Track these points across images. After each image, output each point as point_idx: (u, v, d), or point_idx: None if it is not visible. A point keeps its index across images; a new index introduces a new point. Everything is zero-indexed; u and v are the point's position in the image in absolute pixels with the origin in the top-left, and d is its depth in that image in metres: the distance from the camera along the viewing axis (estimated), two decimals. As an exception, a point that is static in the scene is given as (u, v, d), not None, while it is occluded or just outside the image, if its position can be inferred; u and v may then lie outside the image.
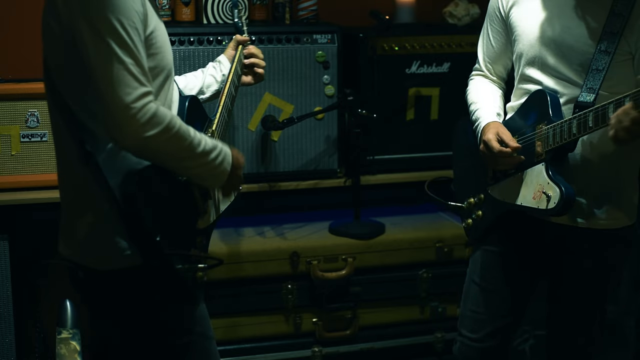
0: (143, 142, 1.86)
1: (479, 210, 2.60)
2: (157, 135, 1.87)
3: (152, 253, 1.95)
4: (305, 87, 3.36)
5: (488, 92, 2.59)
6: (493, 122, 2.47)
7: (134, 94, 1.84)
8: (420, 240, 3.38)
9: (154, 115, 1.86)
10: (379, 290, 3.35)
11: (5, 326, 3.12)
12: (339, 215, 3.45)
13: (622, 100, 2.06)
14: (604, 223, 2.36)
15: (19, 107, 3.10)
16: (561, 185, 2.27)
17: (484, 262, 2.59)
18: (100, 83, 1.85)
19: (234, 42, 2.60)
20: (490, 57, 2.60)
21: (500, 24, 2.51)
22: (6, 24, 3.39)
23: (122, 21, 1.85)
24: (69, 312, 3.08)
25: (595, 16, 2.27)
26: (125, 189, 1.92)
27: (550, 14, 2.35)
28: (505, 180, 2.48)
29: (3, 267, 3.10)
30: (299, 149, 3.39)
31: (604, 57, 2.23)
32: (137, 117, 1.84)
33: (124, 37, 1.85)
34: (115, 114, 1.84)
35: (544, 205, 2.31)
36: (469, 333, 2.62)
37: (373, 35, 3.40)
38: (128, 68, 1.84)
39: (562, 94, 2.33)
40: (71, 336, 3.07)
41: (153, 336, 2.08)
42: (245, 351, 3.23)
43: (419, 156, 3.55)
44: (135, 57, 1.86)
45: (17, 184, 3.12)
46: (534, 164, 2.36)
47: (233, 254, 3.18)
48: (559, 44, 2.32)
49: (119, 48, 1.84)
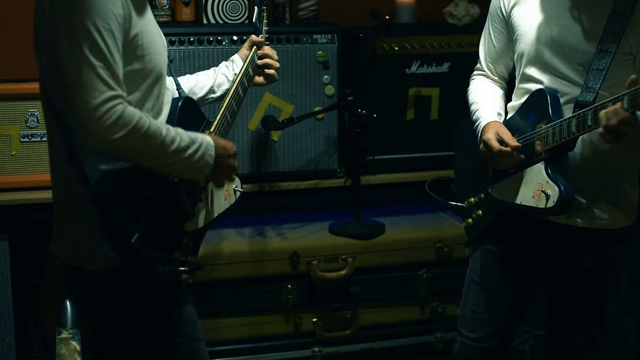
0: (111, 144, 1.87)
1: (479, 209, 2.60)
2: (124, 137, 1.86)
3: (129, 254, 1.96)
4: (305, 87, 3.36)
5: (489, 92, 2.59)
6: (493, 121, 2.47)
7: (100, 97, 1.84)
8: (420, 240, 3.38)
9: (119, 117, 1.85)
10: (379, 290, 3.34)
11: (5, 326, 3.12)
12: (339, 215, 3.44)
13: (621, 99, 2.06)
14: (604, 223, 2.36)
15: (19, 107, 3.10)
16: (560, 184, 2.27)
17: (484, 261, 2.59)
18: (70, 85, 1.86)
19: (249, 42, 2.57)
20: (492, 57, 2.60)
21: (501, 23, 2.51)
22: (6, 24, 3.39)
23: (96, 24, 1.86)
24: (69, 312, 3.08)
25: (596, 16, 2.27)
26: (99, 189, 1.93)
27: (551, 13, 2.35)
28: (505, 179, 2.48)
29: (3, 267, 3.10)
30: (299, 149, 3.39)
31: (604, 56, 2.24)
32: (103, 119, 1.84)
33: (97, 40, 1.86)
34: (81, 117, 1.85)
35: (543, 204, 2.31)
36: (469, 333, 2.62)
37: (373, 35, 3.40)
38: (97, 71, 1.85)
39: (562, 93, 2.33)
40: (71, 336, 3.07)
41: (140, 337, 2.09)
42: (245, 351, 3.23)
43: (419, 156, 3.55)
44: (107, 60, 1.86)
45: (17, 184, 3.12)
46: (534, 163, 2.36)
47: (233, 254, 3.18)
48: (559, 44, 2.32)
49: (90, 51, 1.85)
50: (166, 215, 2.08)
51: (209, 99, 2.47)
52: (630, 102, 2.05)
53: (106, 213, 1.94)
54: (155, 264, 2.01)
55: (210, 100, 2.47)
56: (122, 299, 2.04)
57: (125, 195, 1.97)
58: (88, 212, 1.97)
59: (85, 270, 2.03)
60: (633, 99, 2.04)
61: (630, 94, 2.04)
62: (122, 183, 1.96)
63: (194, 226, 2.17)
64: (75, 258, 2.04)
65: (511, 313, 2.58)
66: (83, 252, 2.02)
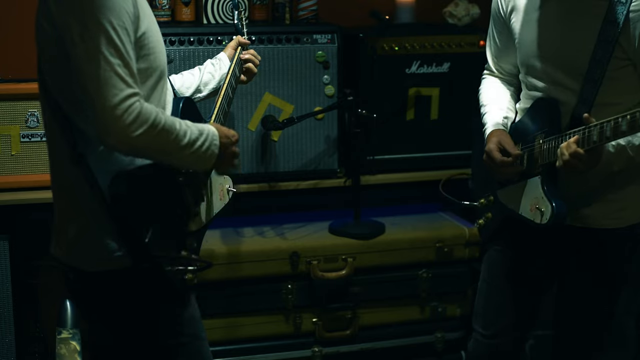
0: (130, 142, 1.87)
1: (489, 211, 2.61)
2: (143, 134, 1.87)
3: (141, 255, 1.95)
4: (305, 87, 3.36)
5: (496, 93, 2.58)
6: (496, 129, 2.46)
7: (119, 95, 1.84)
8: (420, 240, 3.38)
9: (138, 114, 1.85)
10: (379, 290, 3.34)
11: (5, 326, 3.12)
12: (339, 215, 3.44)
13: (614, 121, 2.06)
14: (611, 222, 2.36)
15: (19, 107, 3.10)
16: (553, 202, 2.27)
17: (492, 261, 2.62)
18: (87, 84, 1.85)
19: (235, 42, 2.61)
20: (498, 56, 2.60)
21: (502, 25, 2.51)
22: (6, 24, 3.39)
23: (112, 22, 1.85)
24: (69, 312, 3.07)
25: (590, 25, 2.24)
26: (115, 190, 1.93)
27: (546, 23, 2.33)
28: (510, 186, 2.48)
29: (3, 267, 3.10)
30: (299, 149, 3.39)
31: (598, 67, 2.21)
32: (123, 117, 1.83)
33: (114, 38, 1.85)
34: (101, 116, 1.84)
35: (538, 220, 2.32)
36: (480, 329, 2.65)
37: (373, 35, 3.40)
38: (115, 69, 1.84)
39: (563, 102, 2.32)
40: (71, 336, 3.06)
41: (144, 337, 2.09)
42: (245, 351, 3.23)
43: (418, 156, 3.55)
44: (124, 58, 1.86)
45: (17, 184, 3.12)
46: (534, 175, 2.36)
47: (233, 254, 3.18)
48: (557, 55, 2.31)
49: (107, 49, 1.84)
50: (172, 214, 2.08)
51: (195, 98, 2.48)
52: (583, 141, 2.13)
53: (121, 214, 1.93)
54: (166, 264, 2.01)
55: (196, 100, 2.48)
56: (129, 299, 2.04)
57: (138, 195, 1.97)
58: (93, 212, 1.97)
59: (88, 272, 2.02)
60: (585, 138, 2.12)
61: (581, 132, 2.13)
62: (135, 184, 1.96)
63: (197, 225, 2.17)
64: (78, 259, 2.03)
65: (517, 313, 2.58)
66: (87, 253, 2.01)
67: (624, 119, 2.01)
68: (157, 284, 2.03)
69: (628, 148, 2.21)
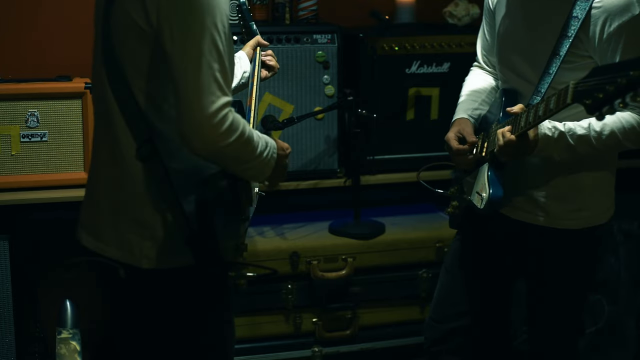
0: (218, 149, 1.82)
1: (455, 200, 2.62)
2: (232, 143, 1.83)
3: (212, 257, 1.90)
4: (305, 87, 3.36)
5: (475, 85, 2.60)
6: (459, 118, 2.50)
7: (217, 103, 1.77)
8: (420, 240, 3.38)
9: (231, 124, 1.81)
10: (379, 290, 3.35)
11: (5, 326, 3.12)
12: (339, 215, 3.45)
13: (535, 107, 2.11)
14: (570, 223, 2.36)
15: (19, 107, 3.10)
16: (491, 187, 2.29)
17: (453, 249, 2.65)
18: (184, 87, 1.78)
19: (254, 42, 2.56)
20: (486, 50, 2.63)
21: (491, 17, 2.54)
22: (6, 24, 3.39)
23: (217, 25, 1.78)
24: (69, 312, 3.08)
25: (555, 20, 2.26)
26: (200, 194, 1.89)
27: (517, 16, 2.36)
28: (470, 174, 2.50)
29: (3, 267, 3.10)
30: (299, 149, 3.39)
31: (556, 60, 2.24)
32: (217, 126, 1.78)
33: (218, 42, 1.78)
34: (194, 121, 1.78)
35: (479, 205, 2.35)
36: (431, 312, 2.67)
37: (373, 35, 3.40)
38: (215, 75, 1.77)
39: (523, 94, 2.35)
40: (71, 336, 3.07)
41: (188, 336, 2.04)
42: (245, 351, 3.23)
43: (419, 156, 3.54)
44: (223, 64, 1.80)
45: (17, 184, 3.12)
46: (485, 162, 2.38)
47: (233, 254, 3.18)
48: (523, 47, 2.34)
49: (210, 53, 1.77)
50: (235, 218, 2.05)
51: None
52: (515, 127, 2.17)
53: (205, 218, 1.88)
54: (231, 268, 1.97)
55: None
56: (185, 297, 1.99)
57: (217, 200, 1.93)
58: (160, 211, 1.92)
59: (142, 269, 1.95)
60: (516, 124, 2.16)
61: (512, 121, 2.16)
62: (216, 188, 1.93)
63: (244, 228, 2.14)
64: (133, 256, 1.95)
65: (468, 303, 2.57)
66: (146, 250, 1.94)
67: (541, 104, 2.07)
68: (215, 286, 2.00)
69: (567, 135, 2.20)
